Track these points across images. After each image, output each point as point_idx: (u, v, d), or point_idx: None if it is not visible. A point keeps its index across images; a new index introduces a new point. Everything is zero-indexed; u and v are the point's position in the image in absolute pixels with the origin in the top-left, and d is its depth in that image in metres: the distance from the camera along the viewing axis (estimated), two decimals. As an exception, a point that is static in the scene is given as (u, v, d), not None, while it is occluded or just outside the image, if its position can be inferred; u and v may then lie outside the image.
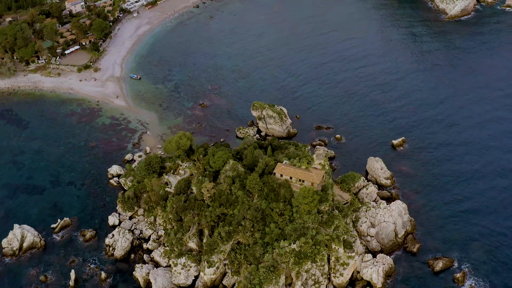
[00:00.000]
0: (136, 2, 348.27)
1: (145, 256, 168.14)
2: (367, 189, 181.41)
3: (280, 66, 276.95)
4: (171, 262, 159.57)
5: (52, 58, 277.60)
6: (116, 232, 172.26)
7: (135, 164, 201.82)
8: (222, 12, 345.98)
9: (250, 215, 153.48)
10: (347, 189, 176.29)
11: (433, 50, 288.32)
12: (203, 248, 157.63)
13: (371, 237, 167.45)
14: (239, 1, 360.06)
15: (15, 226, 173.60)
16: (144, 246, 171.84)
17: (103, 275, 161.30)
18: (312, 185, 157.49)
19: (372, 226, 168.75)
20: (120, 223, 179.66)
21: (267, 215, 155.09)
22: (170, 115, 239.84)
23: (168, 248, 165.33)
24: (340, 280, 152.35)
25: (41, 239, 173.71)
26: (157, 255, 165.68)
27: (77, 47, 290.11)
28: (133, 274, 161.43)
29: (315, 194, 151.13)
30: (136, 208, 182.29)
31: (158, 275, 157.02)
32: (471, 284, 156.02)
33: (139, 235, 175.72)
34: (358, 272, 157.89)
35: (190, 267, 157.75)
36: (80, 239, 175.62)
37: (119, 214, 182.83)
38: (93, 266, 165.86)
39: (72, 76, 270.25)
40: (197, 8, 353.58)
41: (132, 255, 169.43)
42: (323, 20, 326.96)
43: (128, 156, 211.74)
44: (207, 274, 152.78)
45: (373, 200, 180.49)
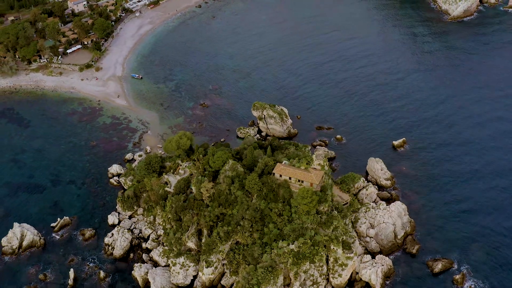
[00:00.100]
0: (138, 1, 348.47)
1: (144, 255, 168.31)
2: (367, 190, 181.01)
3: (281, 66, 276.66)
4: (170, 262, 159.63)
5: (54, 57, 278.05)
6: (116, 231, 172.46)
7: (135, 164, 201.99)
8: (224, 12, 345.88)
9: (249, 215, 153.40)
10: (346, 189, 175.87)
11: (434, 51, 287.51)
12: (202, 248, 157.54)
13: (370, 238, 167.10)
14: (241, 1, 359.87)
15: (15, 224, 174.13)
16: (143, 245, 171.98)
17: (102, 274, 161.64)
18: (311, 185, 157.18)
19: (371, 227, 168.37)
20: (119, 222, 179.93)
21: (266, 215, 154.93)
22: (171, 115, 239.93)
23: (167, 247, 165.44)
24: (339, 281, 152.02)
25: (40, 238, 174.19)
26: (156, 254, 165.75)
27: (79, 46, 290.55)
28: (132, 273, 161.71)
29: (314, 194, 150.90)
30: (135, 208, 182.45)
31: (156, 274, 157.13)
32: (470, 286, 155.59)
33: (138, 234, 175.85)
34: (357, 273, 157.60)
35: (189, 266, 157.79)
36: (80, 238, 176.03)
37: (118, 213, 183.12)
38: (92, 265, 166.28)
39: (73, 75, 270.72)
40: (199, 8, 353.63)
41: (131, 255, 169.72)
42: (324, 20, 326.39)
43: (128, 156, 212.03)
44: (205, 274, 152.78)
45: (372, 201, 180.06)
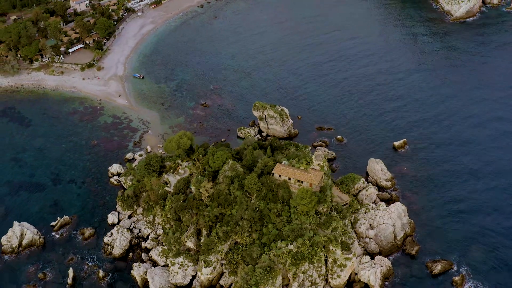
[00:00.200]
0: (140, 1, 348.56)
1: (143, 255, 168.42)
2: (366, 190, 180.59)
3: (282, 66, 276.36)
4: (169, 262, 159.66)
5: (55, 57, 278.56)
6: (115, 230, 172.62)
7: (136, 163, 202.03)
8: (226, 11, 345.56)
9: (248, 215, 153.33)
10: (346, 190, 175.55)
11: (436, 51, 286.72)
12: (201, 247, 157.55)
13: (369, 239, 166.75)
14: (243, 0, 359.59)
15: (15, 223, 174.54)
16: (143, 245, 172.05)
17: (101, 273, 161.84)
18: (311, 186, 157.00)
19: (371, 227, 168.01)
20: (119, 221, 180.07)
21: (265, 216, 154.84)
22: (171, 115, 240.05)
23: (166, 247, 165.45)
24: (338, 282, 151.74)
25: (40, 237, 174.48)
26: (155, 254, 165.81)
27: (80, 45, 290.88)
28: (131, 273, 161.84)
29: (313, 195, 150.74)
30: (135, 207, 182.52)
31: (155, 274, 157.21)
32: (469, 287, 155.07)
33: (137, 234, 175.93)
34: (356, 273, 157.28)
35: (188, 266, 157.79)
36: (79, 237, 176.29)
37: (118, 212, 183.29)
38: (91, 264, 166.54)
39: (75, 74, 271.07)
40: (201, 7, 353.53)
41: (131, 254, 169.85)
42: (325, 20, 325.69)
43: (129, 155, 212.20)
44: (204, 274, 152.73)
45: (372, 202, 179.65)
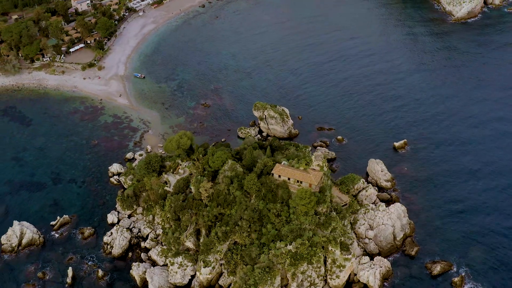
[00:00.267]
0: (142, 1, 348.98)
1: (142, 254, 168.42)
2: (366, 191, 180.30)
3: (283, 66, 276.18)
4: (168, 261, 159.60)
5: (56, 56, 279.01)
6: (115, 230, 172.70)
7: (136, 163, 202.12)
8: (227, 11, 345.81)
9: (247, 215, 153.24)
10: (346, 191, 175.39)
11: (437, 51, 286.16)
12: (200, 247, 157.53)
13: (369, 239, 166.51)
14: (244, 0, 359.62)
15: (15, 222, 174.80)
16: (142, 244, 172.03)
17: (100, 272, 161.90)
18: (310, 186, 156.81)
19: (370, 228, 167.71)
20: (119, 221, 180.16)
21: (264, 216, 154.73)
22: (172, 114, 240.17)
23: (165, 247, 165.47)
24: (337, 282, 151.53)
25: (40, 236, 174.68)
26: (154, 253, 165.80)
27: (82, 45, 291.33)
28: (130, 272, 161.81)
29: (312, 195, 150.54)
30: (135, 207, 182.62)
31: (154, 273, 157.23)
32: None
33: (137, 233, 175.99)
34: (355, 274, 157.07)
35: (187, 266, 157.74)
36: (79, 236, 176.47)
37: (118, 212, 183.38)
38: (90, 263, 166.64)
39: (76, 74, 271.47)
40: (202, 7, 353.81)
41: (130, 254, 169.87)
42: (326, 20, 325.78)
43: (129, 155, 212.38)
44: (203, 274, 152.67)
45: (372, 202, 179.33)
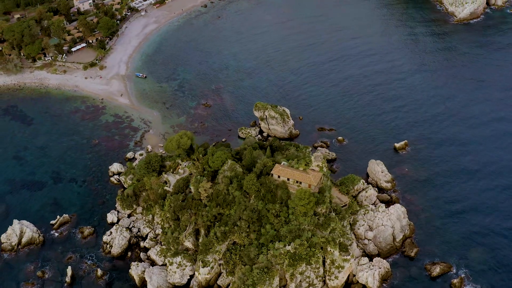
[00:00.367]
0: (144, 0, 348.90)
1: (141, 254, 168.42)
2: (366, 192, 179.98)
3: (284, 66, 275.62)
4: (167, 261, 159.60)
5: (58, 55, 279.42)
6: (114, 229, 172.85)
7: (136, 163, 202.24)
8: (229, 11, 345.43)
9: (246, 215, 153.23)
10: (346, 191, 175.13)
11: (439, 52, 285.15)
12: (199, 247, 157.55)
13: (368, 240, 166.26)
14: (246, 0, 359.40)
15: (15, 221, 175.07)
16: (141, 244, 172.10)
17: (100, 272, 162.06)
18: (309, 187, 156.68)
19: (370, 229, 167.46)
20: (118, 220, 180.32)
21: (263, 216, 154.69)
22: (173, 114, 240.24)
23: (164, 246, 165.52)
24: (335, 283, 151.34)
25: (39, 235, 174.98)
26: (153, 253, 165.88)
27: (83, 44, 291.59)
28: (129, 272, 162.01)
29: (311, 196, 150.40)
30: (135, 206, 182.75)
31: (153, 273, 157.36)
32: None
33: (137, 233, 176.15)
34: (354, 275, 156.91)
35: (186, 266, 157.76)
36: (79, 235, 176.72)
37: (118, 211, 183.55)
38: (90, 263, 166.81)
39: (77, 73, 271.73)
40: (205, 7, 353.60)
41: (129, 253, 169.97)
42: (328, 20, 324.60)
43: (129, 154, 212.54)
44: (201, 274, 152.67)
45: (372, 203, 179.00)
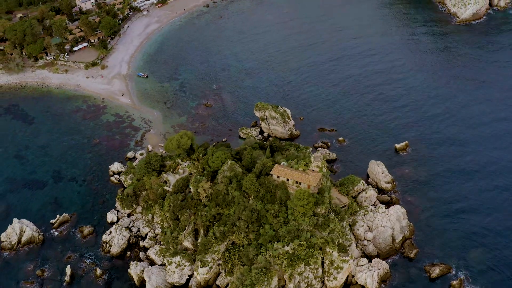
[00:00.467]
0: (146, 0, 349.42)
1: (141, 253, 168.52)
2: (366, 192, 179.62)
3: (285, 66, 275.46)
4: (166, 261, 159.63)
5: (60, 55, 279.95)
6: (114, 229, 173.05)
7: (136, 162, 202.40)
8: (231, 11, 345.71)
9: (245, 216, 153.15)
10: (345, 192, 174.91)
11: (441, 53, 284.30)
12: (198, 247, 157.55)
13: (368, 241, 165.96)
14: (248, 0, 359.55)
15: (15, 220, 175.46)
16: (141, 244, 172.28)
17: (99, 271, 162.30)
18: (309, 187, 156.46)
19: (369, 230, 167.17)
20: (118, 220, 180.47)
21: (262, 217, 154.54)
22: (174, 114, 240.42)
23: (163, 246, 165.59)
24: (334, 284, 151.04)
25: (39, 234, 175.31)
26: (152, 253, 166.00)
27: (85, 44, 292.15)
28: (128, 271, 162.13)
29: (310, 196, 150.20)
30: (134, 206, 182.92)
31: (152, 273, 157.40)
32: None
33: (136, 232, 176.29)
34: (353, 276, 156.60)
35: (184, 266, 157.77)
36: (78, 235, 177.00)
37: (117, 211, 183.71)
38: (89, 262, 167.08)
39: (79, 73, 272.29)
40: (207, 7, 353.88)
41: (128, 253, 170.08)
42: (330, 20, 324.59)
43: (130, 154, 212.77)
44: (200, 274, 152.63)
45: (372, 204, 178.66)
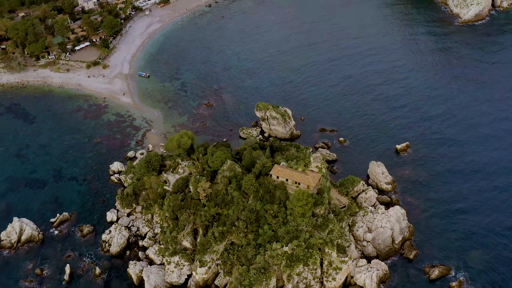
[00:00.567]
0: (148, 0, 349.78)
1: (140, 253, 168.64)
2: (366, 193, 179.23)
3: (287, 67, 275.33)
4: (165, 260, 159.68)
5: (62, 54, 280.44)
6: (113, 228, 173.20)
7: (137, 162, 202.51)
8: (233, 11, 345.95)
9: (244, 216, 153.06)
10: (345, 193, 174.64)
11: (442, 54, 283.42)
12: (197, 247, 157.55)
13: (367, 242, 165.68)
14: (250, 0, 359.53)
15: (15, 219, 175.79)
16: (140, 243, 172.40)
17: (98, 270, 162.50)
18: (308, 188, 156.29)
19: (369, 231, 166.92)
20: (118, 219, 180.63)
21: (261, 217, 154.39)
22: (175, 114, 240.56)
23: (163, 246, 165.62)
24: (333, 285, 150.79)
25: (39, 233, 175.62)
26: (151, 252, 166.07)
27: (87, 43, 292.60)
28: (127, 270, 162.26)
29: (309, 197, 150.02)
30: (134, 205, 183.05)
31: (151, 272, 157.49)
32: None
33: (135, 232, 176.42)
34: (352, 277, 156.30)
35: (183, 266, 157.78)
36: (78, 234, 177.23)
37: (117, 210, 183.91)
38: (88, 261, 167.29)
39: (80, 72, 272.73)
40: (209, 7, 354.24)
41: (128, 252, 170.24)
42: (332, 21, 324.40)
43: (130, 153, 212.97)
44: (198, 274, 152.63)
45: (371, 205, 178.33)
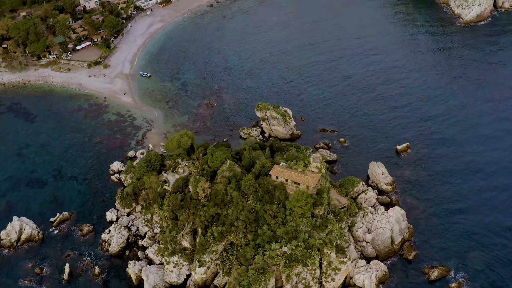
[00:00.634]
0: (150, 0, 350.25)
1: (139, 253, 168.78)
2: (366, 194, 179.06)
3: (288, 67, 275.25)
4: (164, 260, 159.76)
5: (63, 54, 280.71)
6: (113, 228, 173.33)
7: (137, 161, 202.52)
8: (234, 11, 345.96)
9: (243, 216, 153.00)
10: (345, 193, 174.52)
11: (443, 54, 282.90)
12: (196, 247, 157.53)
13: (366, 242, 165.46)
14: (251, 0, 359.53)
15: (14, 218, 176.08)
16: (140, 243, 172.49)
17: (97, 270, 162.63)
18: (307, 188, 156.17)
19: (368, 231, 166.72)
20: (117, 219, 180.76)
21: (261, 217, 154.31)
22: (175, 114, 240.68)
23: (162, 245, 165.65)
24: (332, 285, 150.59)
25: (39, 232, 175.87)
26: (151, 252, 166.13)
27: (88, 43, 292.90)
28: (126, 270, 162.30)
29: (309, 197, 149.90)
30: (134, 205, 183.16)
31: (150, 272, 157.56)
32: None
33: (135, 231, 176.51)
34: (351, 277, 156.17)
35: (182, 265, 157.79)
36: (77, 233, 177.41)
37: (117, 210, 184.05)
38: (88, 260, 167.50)
39: (81, 71, 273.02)
40: (210, 7, 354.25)
41: (127, 252, 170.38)
42: (333, 21, 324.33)
43: (130, 153, 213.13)
44: (197, 274, 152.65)
45: (371, 206, 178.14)
